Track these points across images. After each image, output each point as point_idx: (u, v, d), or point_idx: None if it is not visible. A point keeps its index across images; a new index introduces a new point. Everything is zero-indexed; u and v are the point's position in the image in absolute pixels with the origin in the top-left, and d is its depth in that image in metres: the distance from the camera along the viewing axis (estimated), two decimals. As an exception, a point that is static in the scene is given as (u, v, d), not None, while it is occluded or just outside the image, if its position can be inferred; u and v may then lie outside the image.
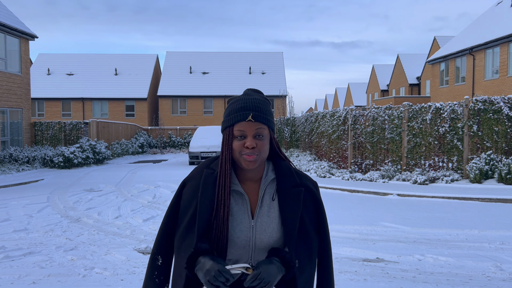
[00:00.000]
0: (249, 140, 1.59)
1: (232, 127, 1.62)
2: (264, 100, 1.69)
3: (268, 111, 1.66)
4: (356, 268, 4.86)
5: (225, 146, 1.63)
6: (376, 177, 12.17)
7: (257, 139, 1.60)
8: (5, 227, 6.98)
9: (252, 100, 1.65)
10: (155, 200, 9.55)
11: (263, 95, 1.73)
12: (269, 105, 1.70)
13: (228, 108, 1.68)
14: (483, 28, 24.90)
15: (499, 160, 11.06)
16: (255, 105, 1.63)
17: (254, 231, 1.62)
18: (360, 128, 13.62)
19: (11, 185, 12.34)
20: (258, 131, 1.60)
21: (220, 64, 39.60)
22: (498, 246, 5.71)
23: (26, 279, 4.58)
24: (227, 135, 1.63)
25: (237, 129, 1.61)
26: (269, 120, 1.65)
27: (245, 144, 1.59)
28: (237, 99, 1.68)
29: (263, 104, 1.66)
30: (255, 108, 1.62)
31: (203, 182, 1.66)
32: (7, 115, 18.39)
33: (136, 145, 25.22)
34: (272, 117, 1.68)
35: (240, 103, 1.64)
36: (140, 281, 4.49)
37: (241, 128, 1.60)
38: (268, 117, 1.64)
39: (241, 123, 1.60)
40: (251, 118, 1.60)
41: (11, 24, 18.13)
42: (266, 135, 1.63)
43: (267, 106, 1.67)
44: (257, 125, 1.60)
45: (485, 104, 11.40)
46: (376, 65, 51.03)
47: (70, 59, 39.71)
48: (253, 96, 1.68)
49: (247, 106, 1.62)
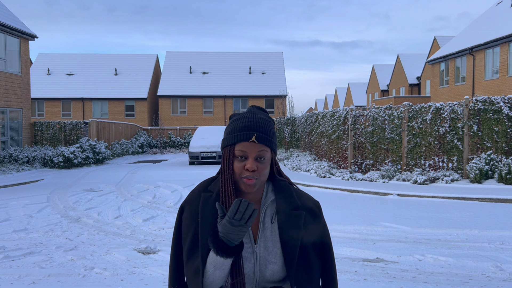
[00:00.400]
0: (250, 162, 1.52)
1: (233, 146, 1.55)
2: (269, 120, 1.61)
3: (272, 132, 1.58)
4: (356, 268, 4.86)
5: (226, 165, 1.55)
6: (376, 177, 12.16)
7: (258, 162, 1.53)
8: (5, 227, 6.98)
9: (257, 120, 1.57)
10: (155, 200, 9.55)
11: (267, 114, 1.65)
12: (273, 125, 1.62)
13: (230, 125, 1.60)
14: (483, 28, 24.90)
15: (499, 160, 11.06)
16: (260, 125, 1.56)
17: (258, 257, 1.56)
18: (360, 128, 13.62)
19: (11, 185, 12.34)
20: (260, 153, 1.53)
21: (220, 64, 39.60)
22: (498, 246, 5.71)
23: (26, 279, 4.58)
24: (228, 154, 1.55)
25: (238, 149, 1.53)
26: (273, 142, 1.57)
27: (245, 166, 1.52)
28: (241, 116, 1.60)
29: (268, 125, 1.58)
30: (259, 128, 1.55)
31: (201, 206, 1.58)
32: (7, 115, 18.38)
33: (136, 145, 25.22)
34: (275, 139, 1.61)
35: (244, 122, 1.56)
36: (140, 281, 4.49)
37: (243, 148, 1.52)
38: (272, 139, 1.57)
39: (243, 143, 1.53)
40: (254, 139, 1.52)
41: (11, 24, 18.13)
42: (268, 158, 1.55)
43: (271, 127, 1.59)
44: (260, 147, 1.53)
45: (485, 104, 11.40)
46: (376, 65, 51.04)
47: (70, 59, 39.71)
48: (258, 114, 1.60)
49: (251, 126, 1.55)
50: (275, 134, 1.61)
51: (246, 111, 1.64)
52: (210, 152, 18.73)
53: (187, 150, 27.03)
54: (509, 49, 20.96)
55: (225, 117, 36.76)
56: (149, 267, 4.94)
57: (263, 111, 1.65)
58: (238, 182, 1.54)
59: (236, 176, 1.54)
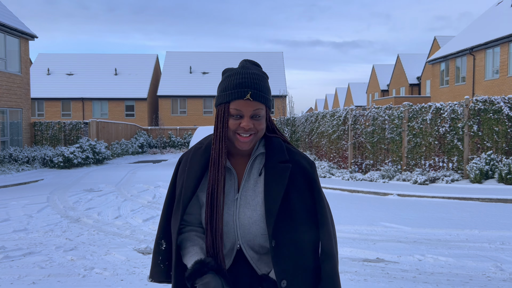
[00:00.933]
0: (245, 120, 1.50)
1: (228, 104, 1.52)
2: (263, 75, 1.57)
3: (266, 88, 1.55)
4: (356, 268, 4.85)
5: (220, 123, 1.54)
6: (376, 177, 12.16)
7: (254, 119, 1.52)
8: (5, 227, 6.97)
9: (251, 76, 1.53)
10: (155, 200, 9.55)
11: (261, 69, 1.62)
12: (267, 80, 1.59)
13: (224, 82, 1.56)
14: (483, 28, 24.90)
15: (499, 160, 11.05)
16: (254, 81, 1.52)
17: (238, 204, 1.56)
18: (360, 128, 13.62)
19: (11, 185, 12.34)
20: (256, 111, 1.51)
21: (220, 64, 39.60)
22: (498, 246, 5.70)
23: (26, 279, 4.57)
24: (222, 111, 1.53)
25: (233, 107, 1.50)
26: (267, 98, 1.55)
27: (240, 125, 1.51)
28: (234, 72, 1.55)
29: (262, 80, 1.54)
30: (253, 85, 1.51)
31: (191, 156, 1.62)
32: (7, 115, 18.38)
33: (136, 145, 25.22)
34: (269, 94, 1.57)
35: (238, 78, 1.52)
36: (140, 281, 4.48)
37: (238, 107, 1.50)
38: (266, 96, 1.54)
39: (238, 101, 1.50)
40: (249, 97, 1.49)
41: (11, 24, 18.13)
42: (263, 115, 1.54)
43: (265, 82, 1.56)
44: (256, 105, 1.51)
45: (485, 104, 11.39)
46: (376, 65, 51.03)
47: (70, 59, 39.70)
48: (251, 70, 1.55)
49: (245, 83, 1.51)
50: (269, 90, 1.58)
51: (239, 66, 1.60)
52: (210, 152, 18.71)
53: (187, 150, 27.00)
54: (509, 49, 20.96)
55: (225, 117, 36.77)
56: (149, 267, 4.93)
57: (256, 66, 1.61)
58: (232, 139, 1.54)
59: (230, 134, 1.53)
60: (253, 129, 1.52)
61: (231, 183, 1.59)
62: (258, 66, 1.62)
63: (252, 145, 1.55)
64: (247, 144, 1.53)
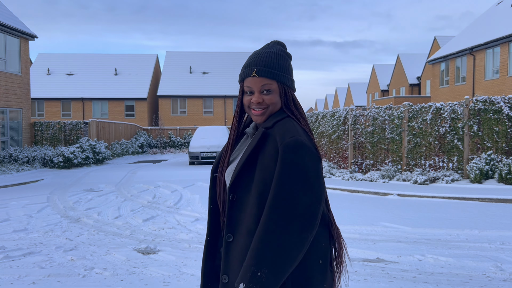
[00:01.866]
0: (255, 96, 1.63)
1: (242, 83, 1.67)
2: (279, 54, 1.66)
3: (278, 64, 1.64)
4: (356, 268, 4.85)
5: (239, 101, 1.71)
6: (376, 177, 12.16)
7: (264, 95, 1.62)
8: (5, 227, 6.97)
9: (262, 55, 1.65)
10: (155, 200, 9.55)
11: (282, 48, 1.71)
12: (284, 59, 1.67)
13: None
14: (483, 28, 24.89)
15: (499, 160, 11.05)
16: (262, 59, 1.63)
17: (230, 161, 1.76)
18: (360, 128, 13.62)
19: (11, 185, 12.34)
20: (265, 87, 1.62)
21: (220, 64, 39.59)
22: (498, 246, 5.70)
23: (26, 279, 4.57)
24: (240, 90, 1.70)
25: (245, 85, 1.65)
26: (277, 74, 1.62)
27: (251, 100, 1.64)
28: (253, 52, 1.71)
29: (274, 58, 1.64)
30: (260, 62, 1.62)
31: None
32: (7, 115, 18.38)
33: (136, 145, 25.21)
34: (284, 71, 1.64)
35: (250, 59, 1.67)
36: (140, 281, 4.49)
37: (248, 84, 1.64)
38: (275, 71, 1.62)
39: (247, 79, 1.64)
40: (255, 74, 1.61)
41: (11, 24, 18.13)
42: (275, 89, 1.63)
43: (278, 59, 1.65)
44: (262, 80, 1.61)
45: (486, 104, 11.39)
46: (376, 65, 51.02)
47: (70, 59, 39.70)
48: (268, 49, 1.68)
49: (253, 61, 1.64)
50: (282, 67, 1.65)
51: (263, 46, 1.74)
52: (210, 152, 18.72)
53: (187, 150, 27.03)
54: (509, 49, 20.96)
55: (225, 117, 36.75)
56: (149, 267, 4.93)
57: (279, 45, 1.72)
58: (249, 113, 1.69)
59: (246, 109, 1.69)
60: (263, 104, 1.63)
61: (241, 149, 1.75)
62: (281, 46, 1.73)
63: (266, 118, 1.66)
64: (259, 118, 1.64)
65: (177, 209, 8.46)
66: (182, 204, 9.01)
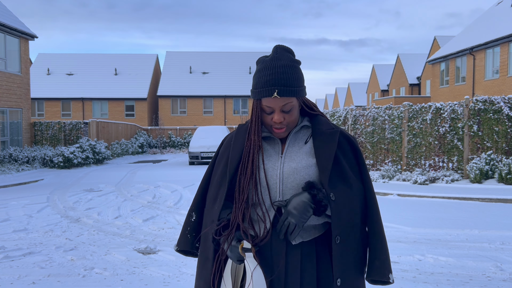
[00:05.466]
0: (276, 115, 1.60)
1: (260, 100, 1.62)
2: (292, 65, 1.63)
3: (295, 79, 1.61)
4: (356, 268, 4.85)
5: (255, 116, 1.65)
6: (376, 177, 12.16)
7: (284, 113, 1.61)
8: (5, 227, 6.97)
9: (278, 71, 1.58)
10: (155, 200, 9.55)
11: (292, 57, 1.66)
12: (298, 70, 1.64)
13: (256, 75, 1.64)
14: (483, 28, 24.89)
15: (499, 160, 11.05)
16: (281, 76, 1.58)
17: (283, 160, 1.64)
18: (360, 128, 13.62)
19: (11, 185, 12.34)
20: (286, 106, 1.60)
21: (220, 64, 39.58)
22: (498, 246, 5.70)
23: (25, 279, 4.57)
24: (256, 106, 1.64)
25: (264, 104, 1.61)
26: (297, 91, 1.61)
27: (273, 119, 1.61)
28: (264, 66, 1.62)
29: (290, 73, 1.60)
30: (280, 81, 1.57)
31: (235, 134, 1.74)
32: (7, 115, 18.38)
33: (136, 145, 25.21)
34: (300, 84, 1.63)
35: (266, 75, 1.59)
36: (140, 281, 4.48)
37: (269, 104, 1.60)
38: (295, 89, 1.60)
39: (267, 99, 1.59)
40: (276, 95, 1.57)
41: (11, 24, 18.13)
42: (295, 105, 1.62)
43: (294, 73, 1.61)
44: (284, 100, 1.59)
45: (485, 104, 11.39)
46: (376, 65, 51.03)
47: (69, 59, 39.70)
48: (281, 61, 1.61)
49: (273, 81, 1.57)
50: (299, 79, 1.63)
51: (271, 55, 1.66)
52: (210, 152, 18.73)
53: (187, 150, 27.03)
54: (509, 49, 20.96)
55: (225, 117, 36.75)
56: (149, 267, 4.93)
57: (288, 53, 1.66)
58: (270, 130, 1.66)
59: (267, 127, 1.66)
60: (285, 122, 1.62)
61: (274, 150, 1.68)
62: (290, 53, 1.67)
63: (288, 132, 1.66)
64: (282, 134, 1.65)
65: (177, 209, 8.46)
66: (182, 204, 9.01)
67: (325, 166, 1.57)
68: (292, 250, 1.59)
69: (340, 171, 1.61)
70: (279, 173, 1.62)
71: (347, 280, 1.57)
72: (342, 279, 1.55)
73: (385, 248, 1.66)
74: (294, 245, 1.59)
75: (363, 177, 1.68)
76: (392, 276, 1.65)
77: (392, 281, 1.65)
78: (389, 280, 1.64)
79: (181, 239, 1.80)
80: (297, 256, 1.58)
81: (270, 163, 1.64)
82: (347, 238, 1.57)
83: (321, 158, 1.59)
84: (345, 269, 1.56)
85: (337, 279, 1.55)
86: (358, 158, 1.69)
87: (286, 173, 1.61)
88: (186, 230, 1.79)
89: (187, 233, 1.78)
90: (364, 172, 1.68)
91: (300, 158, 1.63)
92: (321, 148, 1.61)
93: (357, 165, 1.68)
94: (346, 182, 1.61)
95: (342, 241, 1.55)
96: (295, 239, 1.57)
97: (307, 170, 1.61)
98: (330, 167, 1.57)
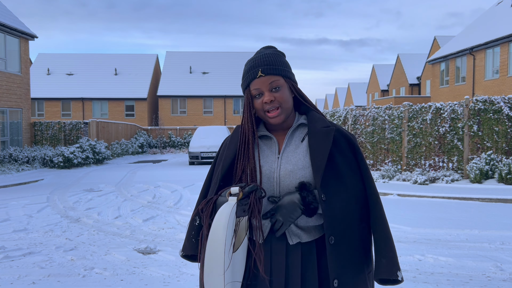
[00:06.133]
0: (266, 95, 1.61)
1: (248, 88, 1.65)
2: (275, 53, 1.69)
3: (279, 61, 1.66)
4: (356, 268, 4.85)
5: (246, 107, 1.67)
6: (376, 177, 12.16)
7: (274, 92, 1.62)
8: (5, 227, 6.97)
9: (261, 56, 1.66)
10: (155, 200, 9.55)
11: (275, 49, 1.73)
12: (282, 56, 1.70)
13: (243, 71, 1.71)
14: (483, 28, 24.89)
15: (499, 160, 11.05)
16: (264, 59, 1.65)
17: (280, 161, 1.65)
18: (360, 128, 13.62)
19: (11, 185, 12.34)
20: (273, 84, 1.62)
21: (220, 64, 39.59)
22: (498, 246, 5.70)
23: (25, 279, 4.57)
24: (246, 97, 1.67)
25: (253, 88, 1.63)
26: (281, 69, 1.65)
27: (263, 100, 1.62)
28: (249, 60, 1.70)
29: (273, 57, 1.67)
30: (263, 62, 1.64)
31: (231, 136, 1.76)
32: (6, 115, 18.38)
33: (136, 145, 25.21)
34: (285, 67, 1.67)
35: (250, 63, 1.67)
36: (140, 281, 4.48)
37: (256, 86, 1.62)
38: (279, 67, 1.64)
39: (254, 81, 1.63)
40: (261, 73, 1.61)
41: (11, 24, 18.13)
42: (283, 84, 1.64)
43: (277, 57, 1.67)
44: (270, 78, 1.62)
45: (486, 104, 11.39)
46: (376, 65, 51.04)
47: (69, 59, 39.71)
48: (263, 52, 1.69)
49: (255, 63, 1.65)
50: (284, 63, 1.68)
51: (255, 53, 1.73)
52: (210, 152, 18.73)
53: (187, 150, 27.03)
54: (509, 49, 20.96)
55: (225, 117, 36.75)
56: (149, 267, 4.93)
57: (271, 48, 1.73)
58: (264, 118, 1.66)
59: (261, 114, 1.65)
60: (276, 101, 1.62)
61: (271, 150, 1.69)
62: (272, 48, 1.74)
63: (284, 117, 1.65)
64: (277, 118, 1.63)
65: (177, 209, 8.46)
66: (182, 204, 9.01)
67: (319, 166, 1.57)
68: (292, 250, 1.59)
69: (335, 170, 1.60)
70: (276, 176, 1.63)
71: (345, 280, 1.55)
72: (339, 280, 1.54)
73: (390, 244, 1.64)
74: (294, 245, 1.59)
75: (362, 174, 1.67)
76: (401, 273, 1.62)
77: (402, 279, 1.62)
78: (398, 278, 1.61)
79: (186, 244, 1.80)
80: (297, 256, 1.58)
81: (267, 165, 1.64)
82: (342, 238, 1.55)
83: (315, 158, 1.59)
84: (342, 270, 1.55)
85: (333, 280, 1.53)
86: (356, 155, 1.68)
87: (282, 176, 1.62)
88: (191, 235, 1.78)
89: (191, 238, 1.78)
90: (363, 169, 1.67)
91: (297, 159, 1.63)
92: (316, 147, 1.61)
93: (356, 162, 1.67)
94: (341, 181, 1.60)
95: (337, 242, 1.54)
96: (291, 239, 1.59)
97: (303, 171, 1.61)
98: (323, 167, 1.56)
